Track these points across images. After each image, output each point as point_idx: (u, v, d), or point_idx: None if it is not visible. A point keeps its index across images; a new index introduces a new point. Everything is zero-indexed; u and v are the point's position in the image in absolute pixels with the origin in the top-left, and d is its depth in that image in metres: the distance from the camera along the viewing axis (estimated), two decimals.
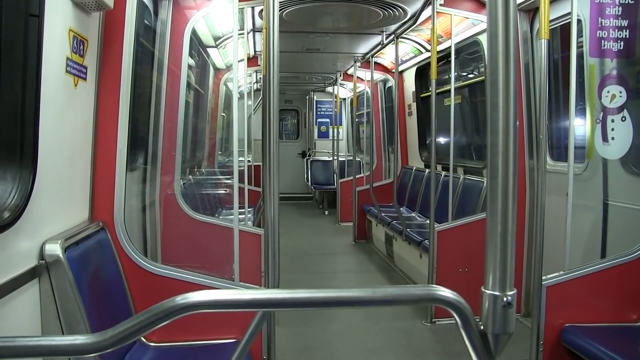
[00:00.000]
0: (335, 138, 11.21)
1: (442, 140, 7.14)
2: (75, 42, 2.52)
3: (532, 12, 4.81)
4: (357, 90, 8.93)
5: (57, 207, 2.50)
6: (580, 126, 4.03)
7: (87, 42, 2.68)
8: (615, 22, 3.39)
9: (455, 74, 5.35)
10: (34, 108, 2.08)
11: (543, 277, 3.18)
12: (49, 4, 2.14)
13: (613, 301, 3.34)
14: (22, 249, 2.13)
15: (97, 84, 2.88)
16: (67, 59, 2.47)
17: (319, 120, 13.79)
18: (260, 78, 8.55)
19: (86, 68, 2.69)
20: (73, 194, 2.71)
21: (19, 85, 2.03)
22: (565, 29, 4.45)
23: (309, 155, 13.68)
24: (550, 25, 3.41)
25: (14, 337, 1.21)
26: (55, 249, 2.27)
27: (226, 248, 3.25)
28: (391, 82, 9.10)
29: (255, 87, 9.59)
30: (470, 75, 6.70)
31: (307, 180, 13.09)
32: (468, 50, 6.29)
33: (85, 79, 2.69)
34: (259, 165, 7.03)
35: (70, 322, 2.26)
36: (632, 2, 3.41)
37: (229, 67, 7.53)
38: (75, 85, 2.59)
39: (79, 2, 2.51)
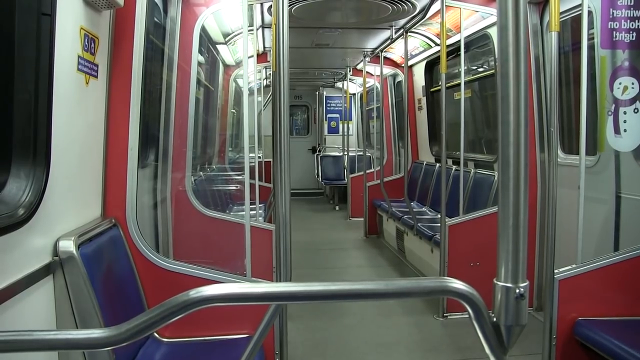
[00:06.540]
0: (345, 133, 11.20)
1: (452, 134, 7.11)
2: (86, 40, 2.54)
3: (542, 4, 4.78)
4: (367, 85, 8.92)
5: (70, 204, 2.52)
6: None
7: (98, 40, 2.69)
8: (628, 13, 3.35)
9: (465, 67, 5.32)
10: (47, 106, 2.09)
11: (555, 271, 3.16)
12: (60, 3, 2.16)
13: (626, 294, 3.31)
14: (36, 246, 2.15)
15: (108, 82, 2.90)
16: (79, 57, 2.49)
17: (328, 115, 13.77)
18: (269, 74, 8.57)
19: (97, 66, 2.71)
20: (85, 191, 2.73)
21: (31, 84, 2.05)
22: (575, 21, 4.42)
23: (319, 151, 13.67)
24: (561, 18, 3.39)
25: (31, 330, 1.23)
26: (69, 245, 2.29)
27: (237, 244, 3.26)
28: (401, 77, 9.07)
29: (264, 84, 9.59)
30: (480, 69, 6.66)
31: (318, 175, 13.08)
32: (478, 44, 6.25)
33: (96, 76, 2.71)
34: (270, 161, 7.07)
35: (84, 317, 2.28)
36: None
37: (238, 64, 7.53)
38: (87, 83, 2.61)
39: (90, 1, 2.52)
